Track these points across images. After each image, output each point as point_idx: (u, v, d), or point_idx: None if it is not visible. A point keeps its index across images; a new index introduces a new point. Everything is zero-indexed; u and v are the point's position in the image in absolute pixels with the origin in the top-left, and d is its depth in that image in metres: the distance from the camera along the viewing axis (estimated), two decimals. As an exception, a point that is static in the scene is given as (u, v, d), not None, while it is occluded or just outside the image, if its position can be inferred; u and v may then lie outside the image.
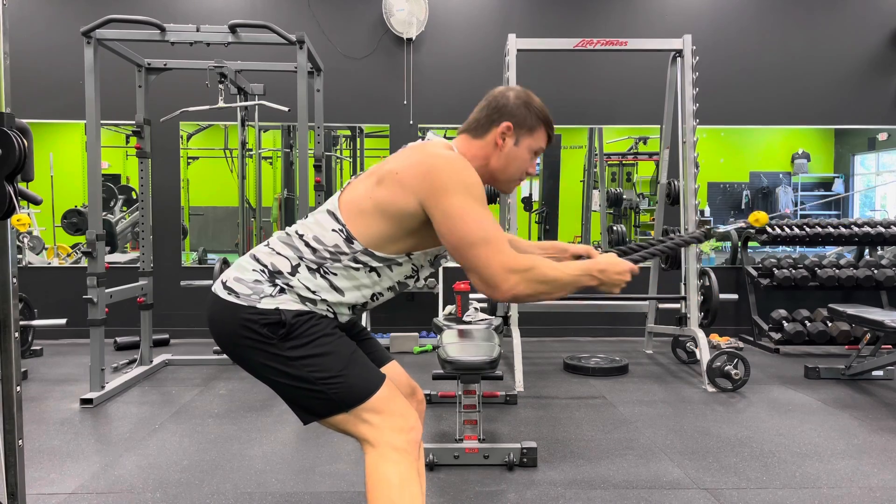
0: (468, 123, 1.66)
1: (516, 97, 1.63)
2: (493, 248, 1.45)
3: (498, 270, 1.45)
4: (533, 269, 1.48)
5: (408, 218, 1.50)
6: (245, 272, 1.55)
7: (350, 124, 6.18)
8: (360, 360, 1.56)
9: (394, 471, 1.47)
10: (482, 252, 1.45)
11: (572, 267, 1.58)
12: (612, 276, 1.61)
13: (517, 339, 4.26)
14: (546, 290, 1.52)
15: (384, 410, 1.51)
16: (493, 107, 1.63)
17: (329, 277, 1.53)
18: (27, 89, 5.38)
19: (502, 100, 1.63)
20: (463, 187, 1.47)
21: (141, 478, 2.67)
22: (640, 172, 7.23)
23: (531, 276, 1.48)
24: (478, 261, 1.45)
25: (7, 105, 1.65)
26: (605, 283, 1.61)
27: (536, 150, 1.66)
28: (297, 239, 1.56)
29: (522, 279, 1.46)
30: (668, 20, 5.75)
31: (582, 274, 1.58)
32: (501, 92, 1.65)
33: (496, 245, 1.45)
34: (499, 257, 1.45)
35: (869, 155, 7.18)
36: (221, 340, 1.57)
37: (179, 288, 5.07)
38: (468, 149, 1.63)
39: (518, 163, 1.64)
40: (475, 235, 1.45)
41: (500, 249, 1.45)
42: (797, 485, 2.61)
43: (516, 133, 1.62)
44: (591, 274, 1.58)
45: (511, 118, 1.61)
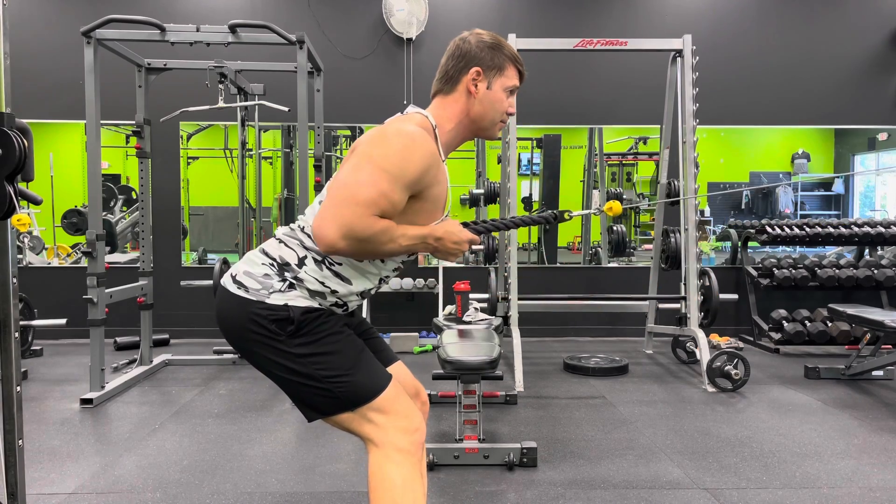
0: (437, 83, 1.64)
1: (478, 41, 1.60)
2: (351, 208, 1.39)
3: (336, 226, 1.38)
4: (370, 241, 1.42)
5: None
6: (255, 266, 1.55)
7: (350, 124, 6.18)
8: (367, 359, 1.56)
9: (397, 472, 1.47)
10: (340, 202, 1.40)
11: (410, 233, 1.50)
12: (447, 244, 1.56)
13: (517, 339, 4.26)
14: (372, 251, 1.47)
15: (389, 411, 1.51)
16: (457, 56, 1.60)
17: (334, 267, 1.53)
18: (27, 89, 5.38)
19: (465, 46, 1.60)
20: (385, 154, 1.43)
21: (141, 478, 2.67)
22: (640, 172, 7.23)
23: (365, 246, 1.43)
24: (333, 206, 1.41)
25: (7, 105, 1.65)
26: (440, 250, 1.57)
27: (511, 88, 1.63)
28: (300, 231, 1.56)
29: (352, 242, 1.41)
30: (668, 20, 5.75)
31: (418, 242, 1.52)
32: (463, 38, 1.62)
33: (359, 208, 1.39)
34: (347, 218, 1.38)
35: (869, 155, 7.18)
36: (229, 335, 1.56)
37: (179, 288, 5.07)
38: (443, 109, 1.61)
39: (496, 105, 1.61)
40: (350, 188, 1.40)
41: (356, 213, 1.39)
42: (797, 485, 2.61)
43: (486, 76, 1.59)
44: (426, 241, 1.54)
45: (478, 62, 1.58)
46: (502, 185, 4.82)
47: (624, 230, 6.52)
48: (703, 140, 5.36)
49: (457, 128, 1.61)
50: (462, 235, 1.59)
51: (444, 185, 1.58)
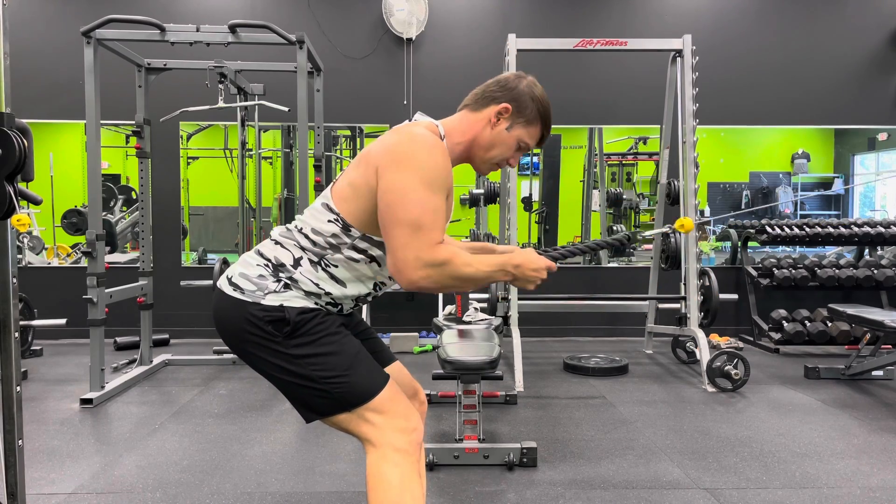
0: (470, 97, 1.64)
1: (527, 85, 1.60)
2: (418, 236, 1.40)
3: (411, 258, 1.40)
4: (448, 264, 1.43)
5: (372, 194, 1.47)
6: (249, 267, 1.55)
7: (350, 124, 6.18)
8: (364, 359, 1.56)
9: (395, 472, 1.47)
10: (405, 235, 1.40)
11: (488, 262, 1.52)
12: (526, 272, 1.56)
13: (517, 339, 4.26)
14: (455, 285, 1.48)
15: (387, 411, 1.51)
16: (500, 85, 1.60)
17: (330, 270, 1.53)
18: (27, 89, 5.38)
19: (513, 82, 1.60)
20: (417, 167, 1.42)
21: (141, 478, 2.67)
22: (640, 172, 7.23)
23: (444, 271, 1.43)
24: (397, 242, 1.41)
25: (7, 105, 1.65)
26: (519, 278, 1.57)
27: (525, 144, 1.63)
28: (297, 232, 1.56)
29: (433, 273, 1.42)
30: (667, 20, 5.75)
31: (496, 269, 1.53)
32: (515, 75, 1.62)
33: (424, 234, 1.40)
34: (419, 246, 1.40)
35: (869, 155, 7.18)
36: (226, 337, 1.57)
37: (179, 288, 5.07)
38: (460, 122, 1.61)
39: (502, 148, 1.61)
40: (407, 216, 1.40)
41: (424, 238, 1.40)
42: (797, 485, 2.62)
43: (512, 118, 1.59)
44: (505, 269, 1.54)
45: (513, 102, 1.58)
46: (502, 185, 4.83)
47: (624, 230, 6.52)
48: (703, 140, 5.36)
49: (462, 145, 1.60)
50: (540, 263, 1.58)
51: (452, 191, 1.60)
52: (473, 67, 5.66)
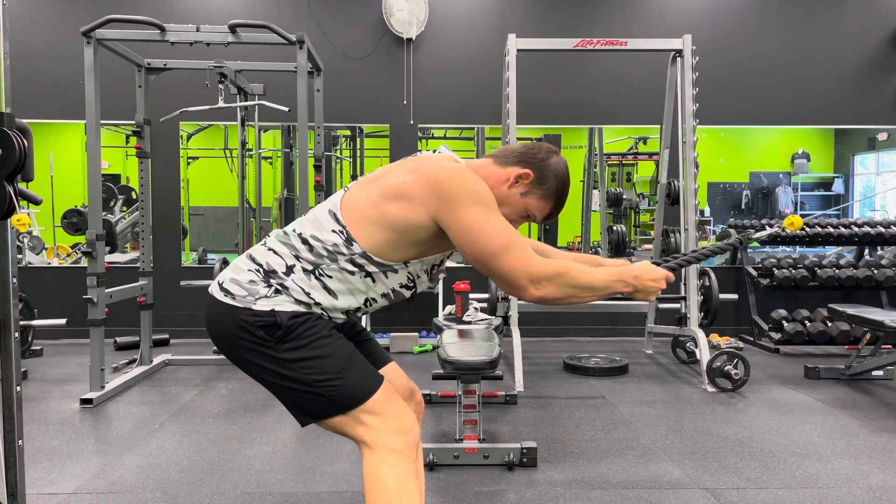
0: (499, 150, 1.67)
1: (555, 162, 1.64)
2: (516, 255, 1.45)
3: (522, 275, 1.45)
4: (562, 275, 1.48)
5: (416, 230, 1.50)
6: (240, 272, 1.54)
7: (350, 124, 6.19)
8: (357, 361, 1.55)
9: (391, 473, 1.47)
10: (506, 260, 1.45)
11: (604, 272, 1.56)
12: (646, 282, 1.59)
13: (517, 339, 4.26)
14: (576, 293, 1.51)
15: (381, 412, 1.51)
16: (530, 152, 1.64)
17: (323, 279, 1.52)
18: (27, 89, 5.38)
19: (541, 153, 1.64)
20: (474, 198, 1.46)
21: (141, 478, 2.67)
22: (640, 172, 7.23)
23: (560, 281, 1.48)
24: (502, 269, 1.46)
25: (7, 105, 1.65)
26: (640, 289, 1.59)
27: (531, 214, 1.65)
28: (295, 237, 1.55)
29: (550, 283, 1.47)
30: (667, 20, 5.75)
31: (615, 279, 1.56)
32: (549, 148, 1.66)
33: (518, 251, 1.45)
34: (522, 263, 1.45)
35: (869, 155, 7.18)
36: (218, 342, 1.57)
37: (179, 288, 5.07)
38: (482, 168, 1.62)
39: (509, 210, 1.62)
40: (496, 245, 1.45)
41: (522, 255, 1.46)
42: (797, 485, 2.62)
43: (531, 186, 1.61)
44: (624, 280, 1.57)
45: (537, 172, 1.61)
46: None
47: (624, 230, 6.53)
48: (703, 140, 5.37)
49: None
50: (658, 273, 1.61)
51: None
52: (473, 67, 5.67)
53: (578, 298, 1.53)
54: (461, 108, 5.74)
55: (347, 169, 6.90)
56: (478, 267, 1.50)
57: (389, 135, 5.74)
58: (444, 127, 6.29)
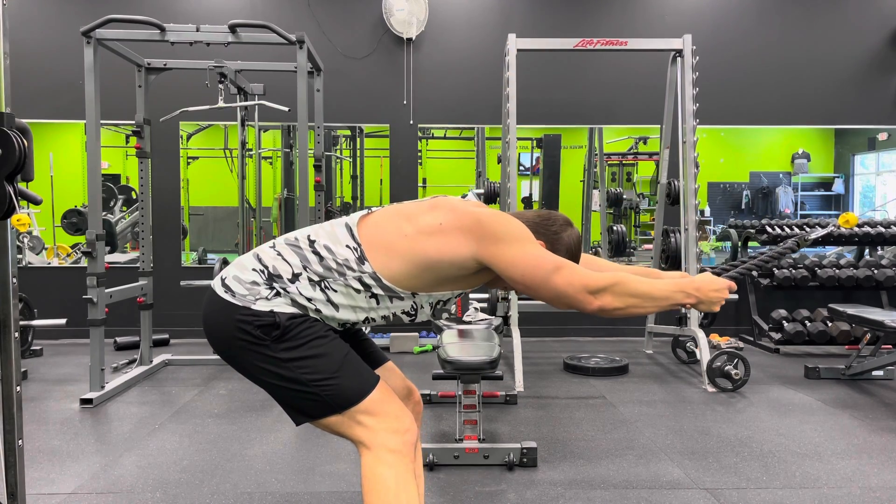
0: (516, 214, 1.70)
1: (568, 235, 1.68)
2: (567, 273, 1.48)
3: (580, 290, 1.47)
4: (617, 284, 1.49)
5: (450, 268, 1.54)
6: (245, 272, 1.55)
7: (350, 124, 6.19)
8: (353, 361, 1.55)
9: (389, 473, 1.47)
10: (559, 280, 1.48)
11: (663, 282, 1.57)
12: (708, 293, 1.58)
13: (517, 339, 4.26)
14: (636, 303, 1.52)
15: (378, 412, 1.51)
16: (546, 222, 1.68)
17: (328, 292, 1.53)
18: (27, 89, 5.38)
19: (556, 226, 1.68)
20: (514, 234, 1.52)
21: (141, 478, 2.67)
22: (640, 172, 7.23)
23: (617, 290, 1.49)
24: (559, 288, 1.48)
25: (7, 105, 1.65)
26: (703, 301, 1.58)
27: None
28: (307, 245, 1.55)
29: (608, 294, 1.48)
30: (668, 20, 5.75)
31: (675, 290, 1.56)
32: (566, 221, 1.70)
33: (568, 268, 1.49)
34: (576, 279, 1.48)
35: (869, 155, 7.18)
36: (214, 339, 1.56)
37: (179, 288, 5.06)
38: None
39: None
40: (545, 269, 1.48)
41: (573, 272, 1.49)
42: (797, 485, 2.61)
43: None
44: (685, 291, 1.56)
45: (549, 244, 1.64)
46: (502, 185, 4.82)
47: (624, 230, 6.53)
48: (703, 140, 5.36)
49: None
50: (721, 283, 1.61)
51: None
52: (473, 67, 5.67)
53: (640, 308, 1.53)
54: (461, 108, 5.74)
55: (347, 169, 6.90)
56: (534, 295, 1.53)
57: (389, 135, 5.74)
58: (444, 127, 6.29)
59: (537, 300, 1.56)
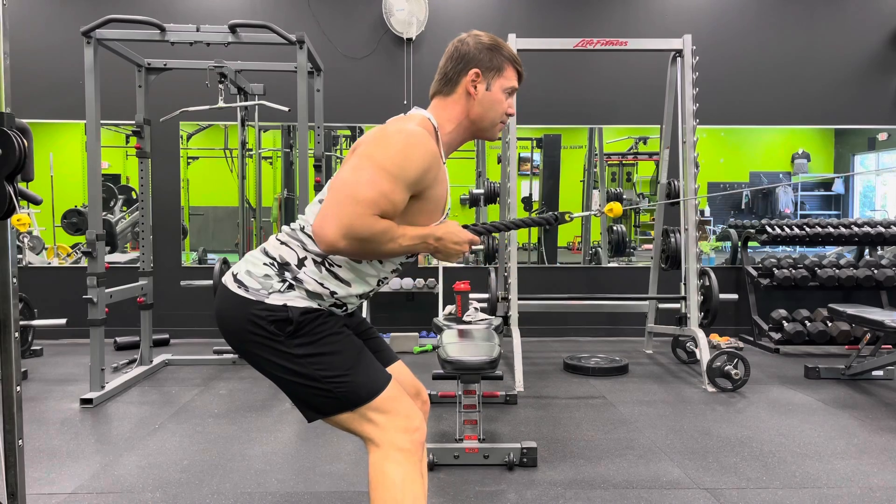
0: (436, 84, 1.64)
1: (476, 42, 1.60)
2: (352, 207, 1.39)
3: (336, 226, 1.39)
4: (370, 241, 1.43)
5: None
6: (256, 266, 1.55)
7: (350, 124, 6.18)
8: (366, 359, 1.56)
9: (397, 471, 1.47)
10: (341, 202, 1.40)
11: (410, 234, 1.50)
12: (448, 245, 1.56)
13: (517, 339, 4.26)
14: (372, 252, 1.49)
15: (389, 410, 1.51)
16: (455, 57, 1.60)
17: (334, 269, 1.53)
18: (27, 89, 5.38)
19: (463, 48, 1.60)
20: (386, 155, 1.43)
21: (141, 478, 2.67)
22: (640, 172, 7.22)
23: (364, 247, 1.44)
24: (331, 206, 1.42)
25: (7, 105, 1.65)
26: (441, 251, 1.57)
27: (510, 88, 1.63)
28: (300, 232, 1.57)
29: (353, 242, 1.41)
30: (668, 20, 5.75)
31: (418, 241, 1.52)
32: (461, 40, 1.62)
33: (359, 207, 1.39)
34: (348, 218, 1.39)
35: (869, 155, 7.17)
36: (228, 335, 1.56)
37: (179, 288, 5.07)
38: (443, 111, 1.61)
39: (495, 106, 1.61)
40: (351, 187, 1.41)
41: (357, 212, 1.39)
42: (797, 485, 2.61)
43: (485, 77, 1.59)
44: (426, 241, 1.54)
45: (476, 64, 1.58)
46: (502, 185, 4.82)
47: (624, 230, 6.52)
48: (703, 140, 5.36)
49: (457, 129, 1.62)
50: (462, 236, 1.59)
51: (444, 186, 1.58)
52: (473, 67, 5.66)
53: (374, 256, 1.52)
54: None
55: (347, 169, 6.88)
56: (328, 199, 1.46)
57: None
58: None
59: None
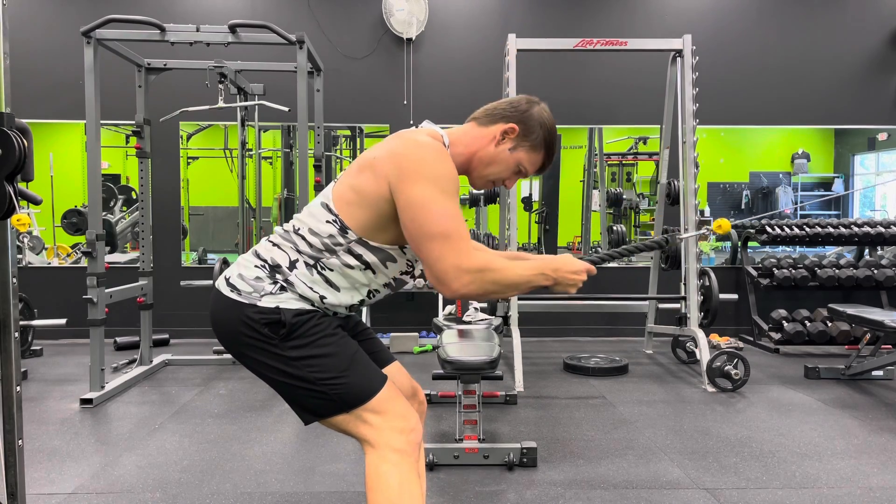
0: (480, 111, 1.64)
1: (538, 111, 1.61)
2: (451, 245, 1.41)
3: (450, 268, 1.42)
4: (486, 270, 1.45)
5: (383, 203, 1.47)
6: (247, 269, 1.55)
7: (350, 124, 6.18)
8: (361, 360, 1.56)
9: (394, 472, 1.47)
10: (438, 247, 1.42)
11: (525, 266, 1.55)
12: (565, 275, 1.57)
13: (517, 339, 4.26)
14: (496, 290, 1.49)
15: (385, 411, 1.51)
16: (513, 105, 1.61)
17: (325, 273, 1.52)
18: (27, 89, 5.38)
19: (525, 105, 1.61)
20: (431, 177, 1.43)
21: (141, 478, 2.67)
22: (640, 172, 7.23)
23: (483, 277, 1.45)
24: (432, 255, 1.42)
25: (7, 105, 1.65)
26: (560, 282, 1.57)
27: (524, 168, 1.63)
28: (294, 233, 1.56)
29: (474, 279, 1.43)
30: (668, 20, 5.75)
31: (535, 273, 1.54)
32: (528, 99, 1.63)
33: (455, 242, 1.42)
34: (454, 255, 1.42)
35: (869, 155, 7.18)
36: (223, 338, 1.57)
37: (179, 288, 5.07)
38: (465, 134, 1.61)
39: (501, 167, 1.61)
40: (435, 229, 1.41)
41: (457, 247, 1.42)
42: (797, 485, 2.62)
43: (518, 140, 1.59)
44: (544, 273, 1.55)
45: (521, 124, 1.59)
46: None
47: (624, 230, 6.52)
48: (703, 140, 5.36)
49: (461, 155, 1.60)
50: (578, 265, 1.60)
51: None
52: (473, 67, 5.67)
53: (497, 295, 1.52)
54: (461, 108, 5.67)
55: (347, 169, 6.89)
56: (412, 247, 1.47)
57: (389, 135, 5.73)
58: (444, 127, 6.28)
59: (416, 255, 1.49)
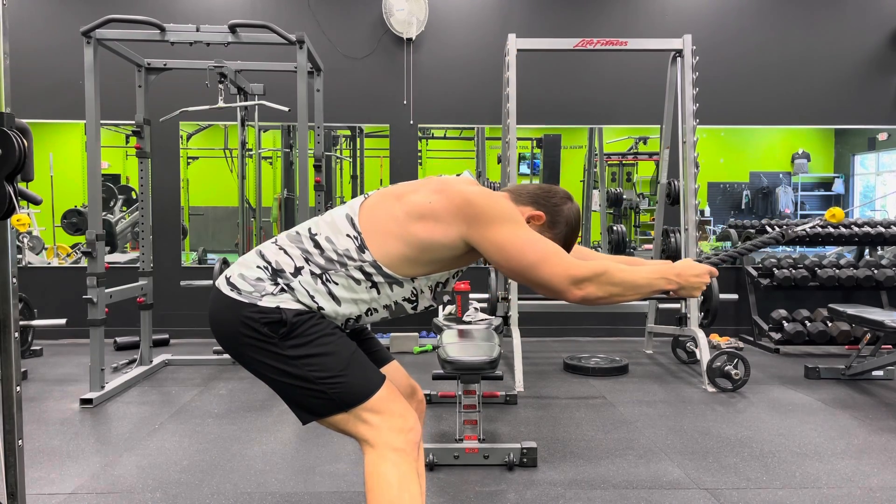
0: (515, 187, 1.69)
1: (568, 208, 1.66)
2: (553, 262, 1.47)
3: (564, 281, 1.47)
4: (603, 274, 1.49)
5: (441, 249, 1.52)
6: (249, 269, 1.55)
7: (350, 124, 6.19)
8: (360, 360, 1.56)
9: (393, 471, 1.47)
10: (544, 270, 1.47)
11: (645, 270, 1.58)
12: (689, 278, 1.60)
13: (517, 339, 4.26)
14: (618, 291, 1.52)
15: (383, 411, 1.51)
16: (546, 195, 1.66)
17: (329, 285, 1.52)
18: (27, 89, 5.38)
19: (556, 199, 1.65)
20: (504, 215, 1.50)
21: (141, 478, 2.67)
22: (640, 172, 7.23)
23: (601, 280, 1.49)
24: (543, 278, 1.48)
25: (7, 105, 1.65)
26: (684, 286, 1.60)
27: None
28: (308, 238, 1.56)
29: (592, 284, 1.48)
30: (668, 20, 5.75)
31: (657, 276, 1.57)
32: (565, 194, 1.68)
33: (555, 258, 1.48)
34: (561, 269, 1.47)
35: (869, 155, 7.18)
36: (222, 338, 1.56)
37: (179, 288, 5.07)
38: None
39: None
40: (532, 257, 1.47)
41: (559, 261, 1.47)
42: (797, 485, 2.62)
43: (541, 228, 1.62)
44: (666, 277, 1.58)
45: (549, 216, 1.63)
46: (502, 185, 4.82)
47: (624, 230, 6.53)
48: (703, 140, 5.36)
49: None
50: (701, 268, 1.62)
51: None
52: (473, 67, 5.67)
53: (622, 297, 1.54)
54: (461, 108, 5.74)
55: (347, 169, 6.90)
56: (519, 280, 1.53)
57: (389, 135, 5.74)
58: (444, 127, 6.29)
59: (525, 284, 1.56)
